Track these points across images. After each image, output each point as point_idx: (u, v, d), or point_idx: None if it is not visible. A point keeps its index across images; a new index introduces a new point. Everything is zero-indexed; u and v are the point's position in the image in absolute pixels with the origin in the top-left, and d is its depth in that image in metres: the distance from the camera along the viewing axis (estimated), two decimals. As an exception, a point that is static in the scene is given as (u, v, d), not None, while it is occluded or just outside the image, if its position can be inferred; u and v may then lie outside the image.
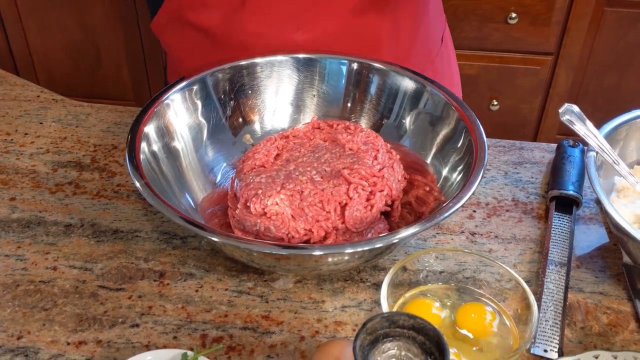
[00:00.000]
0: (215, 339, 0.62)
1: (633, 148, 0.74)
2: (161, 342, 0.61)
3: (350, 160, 0.71)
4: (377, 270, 0.69)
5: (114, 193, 0.78)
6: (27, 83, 0.98)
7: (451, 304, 0.61)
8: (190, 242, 0.72)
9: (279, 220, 0.66)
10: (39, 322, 0.63)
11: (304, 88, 0.80)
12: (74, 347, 0.61)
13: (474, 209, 0.77)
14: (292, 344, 0.61)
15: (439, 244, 0.72)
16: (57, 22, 1.93)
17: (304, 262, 0.61)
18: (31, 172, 0.81)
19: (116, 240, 0.72)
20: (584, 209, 0.77)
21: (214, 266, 0.69)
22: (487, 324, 0.59)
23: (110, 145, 0.86)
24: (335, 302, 0.66)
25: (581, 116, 0.70)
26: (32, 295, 0.66)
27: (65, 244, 0.71)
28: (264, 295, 0.66)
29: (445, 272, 0.63)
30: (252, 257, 0.62)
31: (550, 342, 0.61)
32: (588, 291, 0.67)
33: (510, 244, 0.72)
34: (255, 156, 0.73)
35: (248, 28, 0.80)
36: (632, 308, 0.65)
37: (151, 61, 1.98)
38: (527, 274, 0.69)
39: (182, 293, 0.66)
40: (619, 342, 0.62)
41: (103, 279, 0.67)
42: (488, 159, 0.83)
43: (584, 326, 0.64)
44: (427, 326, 0.43)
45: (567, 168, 0.78)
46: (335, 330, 0.63)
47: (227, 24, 0.81)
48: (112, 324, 0.63)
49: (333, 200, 0.67)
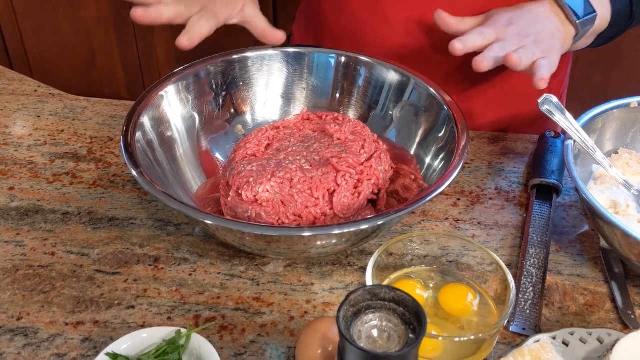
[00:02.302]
0: (208, 319, 0.64)
1: (609, 137, 0.77)
2: (156, 322, 0.64)
3: (339, 150, 0.73)
4: (364, 254, 0.71)
5: (110, 183, 0.81)
6: (25, 78, 1.00)
7: (434, 285, 0.63)
8: (184, 229, 0.74)
9: (270, 207, 0.68)
10: (37, 304, 0.65)
11: (293, 81, 0.82)
12: (72, 327, 0.63)
13: (458, 197, 0.79)
14: (282, 324, 0.64)
15: (424, 230, 0.75)
16: (52, 22, 1.95)
17: (294, 244, 0.63)
18: (29, 163, 0.83)
19: (112, 227, 0.74)
20: (564, 197, 0.79)
21: (207, 251, 0.72)
22: (468, 303, 0.62)
23: (107, 138, 0.88)
24: (324, 284, 0.68)
25: (560, 106, 0.73)
26: (31, 279, 0.68)
27: (62, 231, 0.74)
28: (255, 278, 0.69)
29: (430, 256, 0.66)
30: (243, 241, 0.64)
31: (529, 321, 0.64)
32: (566, 274, 0.70)
33: (493, 230, 0.75)
34: (246, 146, 0.76)
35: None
36: (608, 289, 0.68)
37: (145, 61, 2.00)
38: (508, 258, 0.72)
39: (176, 277, 0.69)
40: (595, 321, 0.65)
41: (100, 264, 0.70)
42: (473, 150, 0.86)
43: (562, 306, 0.66)
44: (406, 298, 0.46)
45: (549, 158, 0.81)
46: (324, 310, 0.66)
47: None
48: (109, 305, 0.65)
49: (321, 187, 0.69)
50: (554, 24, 0.75)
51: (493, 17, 0.75)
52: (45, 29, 1.97)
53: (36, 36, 1.99)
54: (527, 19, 0.74)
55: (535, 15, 0.75)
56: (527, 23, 0.74)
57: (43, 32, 1.98)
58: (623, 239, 0.63)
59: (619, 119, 0.77)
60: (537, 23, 0.74)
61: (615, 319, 0.65)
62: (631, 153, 0.77)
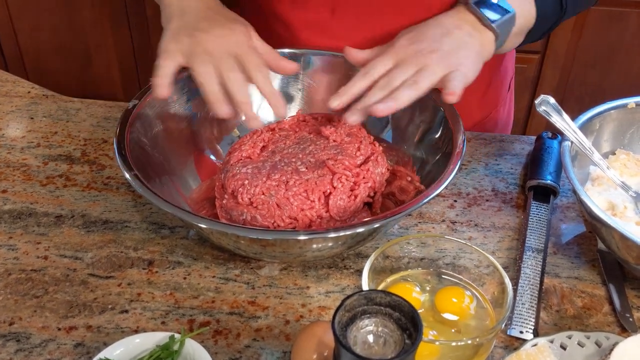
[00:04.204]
0: (203, 323, 0.64)
1: (606, 139, 0.77)
2: (150, 327, 0.63)
3: (334, 152, 0.73)
4: (360, 257, 0.71)
5: (103, 185, 0.80)
6: (18, 79, 0.99)
7: (431, 288, 0.63)
8: (178, 232, 0.74)
9: (265, 210, 0.67)
10: (30, 309, 0.65)
11: (289, 82, 0.82)
12: (64, 332, 0.63)
13: (455, 198, 0.79)
14: (277, 328, 0.63)
15: (420, 232, 0.74)
16: (47, 22, 1.95)
17: (289, 247, 0.63)
18: (22, 165, 0.83)
19: (106, 230, 0.74)
20: (561, 199, 0.79)
21: (201, 255, 0.71)
22: (465, 306, 0.61)
23: (100, 139, 0.87)
24: (320, 287, 0.68)
25: (557, 107, 0.72)
26: (23, 283, 0.67)
27: (56, 234, 0.73)
28: (250, 282, 0.68)
29: (426, 258, 0.65)
30: (238, 245, 0.64)
31: (526, 324, 0.64)
32: (564, 276, 0.69)
33: (490, 232, 0.74)
34: (241, 148, 0.75)
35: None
36: (606, 292, 0.68)
37: (142, 61, 1.99)
38: (505, 260, 0.71)
39: (170, 280, 0.68)
40: (593, 324, 0.65)
41: (93, 268, 0.69)
42: (469, 151, 0.85)
43: (560, 309, 0.66)
44: (402, 303, 0.45)
45: (546, 159, 0.80)
46: (319, 314, 0.65)
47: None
48: (102, 310, 0.65)
49: (317, 190, 0.69)
50: (466, 31, 0.71)
51: (396, 41, 0.72)
52: (41, 29, 1.96)
53: (32, 36, 1.99)
54: (434, 34, 0.71)
55: (444, 27, 0.72)
56: (434, 37, 0.71)
57: (38, 32, 1.97)
58: (621, 241, 0.63)
59: (617, 120, 0.76)
60: (445, 36, 0.71)
61: (613, 322, 0.65)
62: (628, 154, 0.76)
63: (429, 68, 0.68)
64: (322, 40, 0.81)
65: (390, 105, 0.66)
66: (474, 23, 0.72)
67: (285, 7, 0.83)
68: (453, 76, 0.68)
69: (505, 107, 1.00)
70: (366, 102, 0.68)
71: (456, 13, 0.73)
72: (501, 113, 0.99)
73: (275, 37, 0.86)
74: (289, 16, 0.83)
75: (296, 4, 0.82)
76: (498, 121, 0.99)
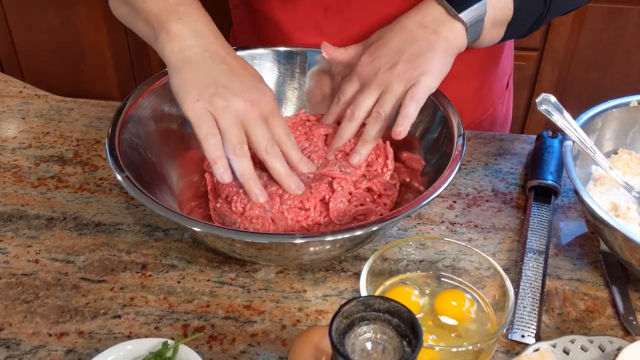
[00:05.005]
0: (197, 328, 0.62)
1: (609, 138, 0.75)
2: (143, 333, 0.62)
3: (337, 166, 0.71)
4: (358, 260, 0.69)
5: (96, 187, 0.78)
6: (10, 79, 0.97)
7: (430, 292, 0.61)
8: (172, 234, 0.72)
9: (259, 224, 0.66)
10: (20, 315, 0.63)
11: (285, 81, 0.80)
12: (55, 338, 0.61)
13: (454, 199, 0.77)
14: (274, 333, 0.62)
15: (419, 234, 0.73)
16: (42, 21, 1.93)
17: (285, 251, 0.61)
18: (13, 166, 0.81)
19: (98, 233, 0.72)
20: (562, 199, 0.78)
21: (195, 258, 0.69)
22: (465, 310, 0.60)
23: (93, 140, 0.86)
24: (317, 291, 0.66)
25: (558, 106, 0.71)
26: (13, 288, 0.66)
27: (47, 237, 0.71)
28: (245, 285, 0.67)
29: (425, 260, 0.64)
30: (233, 248, 0.62)
31: (528, 328, 0.62)
32: (566, 278, 0.68)
33: (490, 233, 0.73)
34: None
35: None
36: (609, 294, 0.66)
37: (137, 60, 1.98)
38: (505, 262, 0.70)
39: (164, 284, 0.66)
40: (596, 328, 0.63)
41: (85, 272, 0.68)
42: (469, 151, 0.84)
43: (562, 312, 0.65)
44: (401, 309, 0.44)
45: (546, 158, 0.79)
46: (317, 318, 0.64)
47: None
48: (94, 315, 0.63)
49: (312, 198, 0.67)
50: (430, 29, 0.70)
51: (360, 58, 0.72)
52: (36, 27, 1.95)
53: (26, 35, 1.97)
54: (397, 42, 0.70)
55: (406, 30, 0.70)
56: (396, 46, 0.70)
57: (33, 30, 1.95)
58: (624, 243, 0.61)
59: (619, 119, 0.75)
60: (407, 42, 0.70)
61: (616, 325, 0.63)
62: (631, 154, 0.75)
63: (390, 89, 0.69)
64: (315, 39, 0.79)
65: (364, 151, 0.70)
66: (441, 15, 0.71)
67: (276, 8, 0.81)
68: (414, 92, 0.68)
69: (504, 105, 0.99)
70: (338, 143, 0.72)
71: (423, 7, 0.72)
72: (500, 111, 0.98)
73: (266, 37, 0.85)
74: (280, 17, 0.82)
75: (287, 5, 0.80)
76: (496, 119, 0.97)
